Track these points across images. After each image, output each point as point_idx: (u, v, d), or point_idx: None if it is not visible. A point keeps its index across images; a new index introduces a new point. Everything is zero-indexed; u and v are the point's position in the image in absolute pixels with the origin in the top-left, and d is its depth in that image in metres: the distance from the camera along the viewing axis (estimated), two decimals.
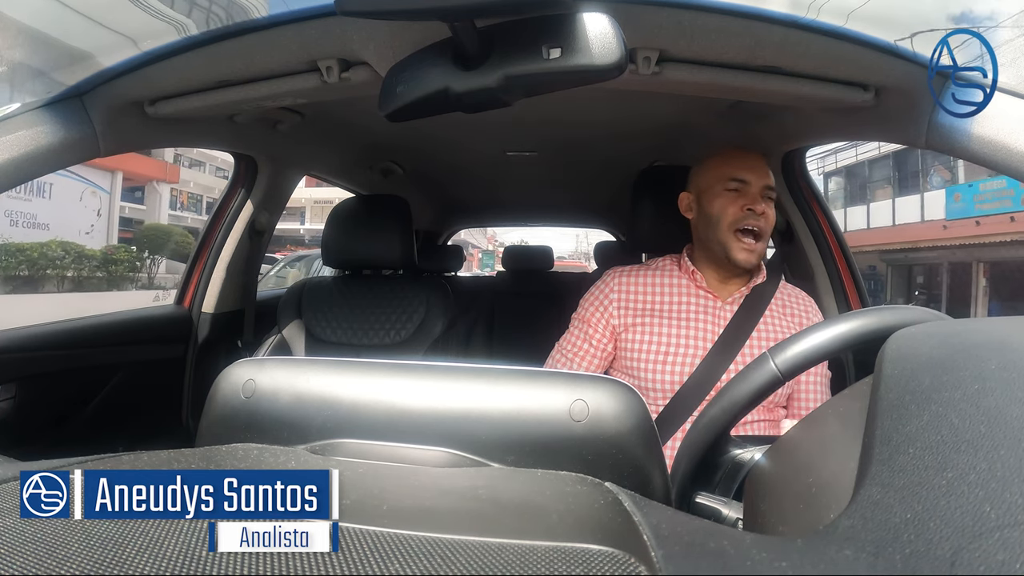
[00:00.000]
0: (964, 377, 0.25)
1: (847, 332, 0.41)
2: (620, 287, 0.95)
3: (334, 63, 0.76)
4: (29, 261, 8.94)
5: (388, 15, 0.56)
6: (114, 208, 14.44)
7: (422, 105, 0.63)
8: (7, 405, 0.99)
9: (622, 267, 0.99)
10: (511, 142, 1.63)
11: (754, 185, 0.90)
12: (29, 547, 0.22)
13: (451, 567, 0.21)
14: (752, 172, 0.91)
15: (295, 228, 22.48)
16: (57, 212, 12.29)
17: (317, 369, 0.39)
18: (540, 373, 0.36)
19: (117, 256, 10.92)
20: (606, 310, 0.94)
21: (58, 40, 0.79)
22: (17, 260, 9.06)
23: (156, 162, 16.76)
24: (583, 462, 0.33)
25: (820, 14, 0.66)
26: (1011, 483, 0.20)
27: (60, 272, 9.41)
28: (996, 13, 0.67)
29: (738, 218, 0.89)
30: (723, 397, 0.44)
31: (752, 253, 0.88)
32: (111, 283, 9.97)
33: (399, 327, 1.36)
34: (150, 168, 16.52)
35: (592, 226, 3.39)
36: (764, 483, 0.38)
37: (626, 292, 0.94)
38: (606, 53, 0.55)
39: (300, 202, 22.06)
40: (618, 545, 0.23)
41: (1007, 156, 0.62)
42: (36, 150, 0.76)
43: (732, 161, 0.93)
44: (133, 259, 11.04)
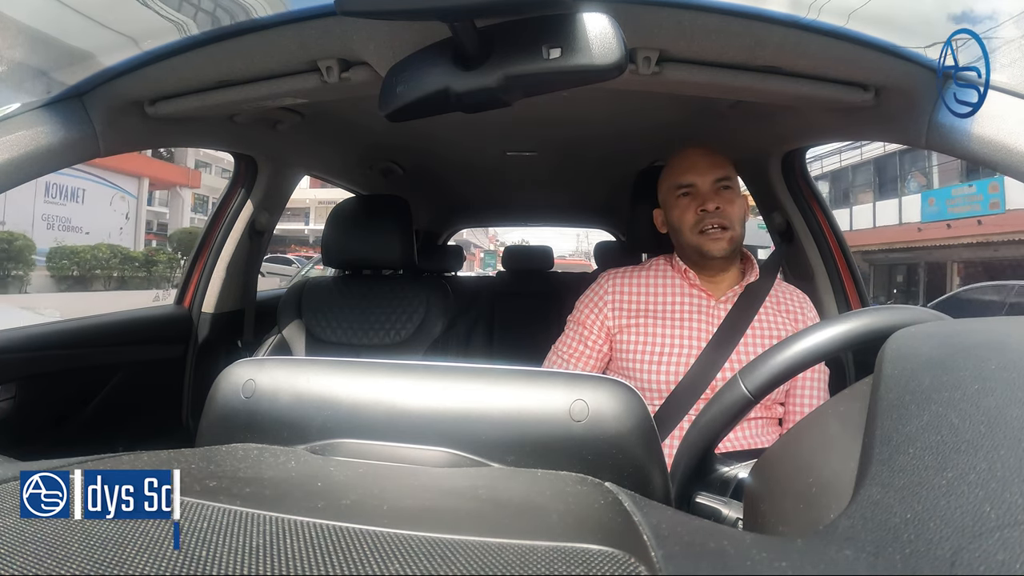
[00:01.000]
0: (964, 377, 0.25)
1: (811, 347, 0.41)
2: (614, 289, 0.96)
3: (334, 63, 0.76)
4: (81, 262, 9.80)
5: (388, 15, 0.56)
6: (141, 212, 15.39)
7: (422, 105, 0.63)
8: (7, 405, 0.99)
9: (616, 269, 1.00)
10: (511, 142, 1.63)
11: (701, 185, 0.91)
12: (29, 547, 0.22)
13: (451, 567, 0.21)
14: (695, 173, 0.92)
15: (299, 228, 22.59)
16: (90, 216, 13.32)
17: (317, 369, 0.39)
18: (540, 373, 0.36)
19: (157, 257, 11.79)
20: (601, 312, 0.95)
21: (58, 40, 0.79)
22: (71, 261, 9.91)
23: (179, 168, 17.97)
24: (583, 462, 0.33)
25: (820, 14, 0.66)
26: (1011, 483, 0.20)
27: (107, 272, 10.26)
28: (996, 13, 0.67)
29: (695, 221, 0.90)
30: (700, 421, 0.45)
31: (721, 241, 0.89)
32: (151, 282, 10.50)
33: (399, 327, 1.36)
34: (174, 174, 17.69)
35: (592, 226, 3.39)
36: (764, 483, 0.38)
37: (620, 293, 0.95)
38: (606, 53, 0.55)
39: (304, 202, 22.20)
40: (618, 545, 0.22)
41: (1007, 156, 0.62)
42: (36, 150, 0.76)
43: (674, 168, 0.94)
44: (170, 259, 11.85)
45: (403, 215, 1.38)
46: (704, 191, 0.91)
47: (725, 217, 0.89)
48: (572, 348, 0.96)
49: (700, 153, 0.94)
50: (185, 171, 18.04)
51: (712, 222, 0.89)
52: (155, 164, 16.26)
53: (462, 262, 2.89)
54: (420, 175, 1.98)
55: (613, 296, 0.95)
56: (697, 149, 0.95)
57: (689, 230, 0.91)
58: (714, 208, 0.89)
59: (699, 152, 0.94)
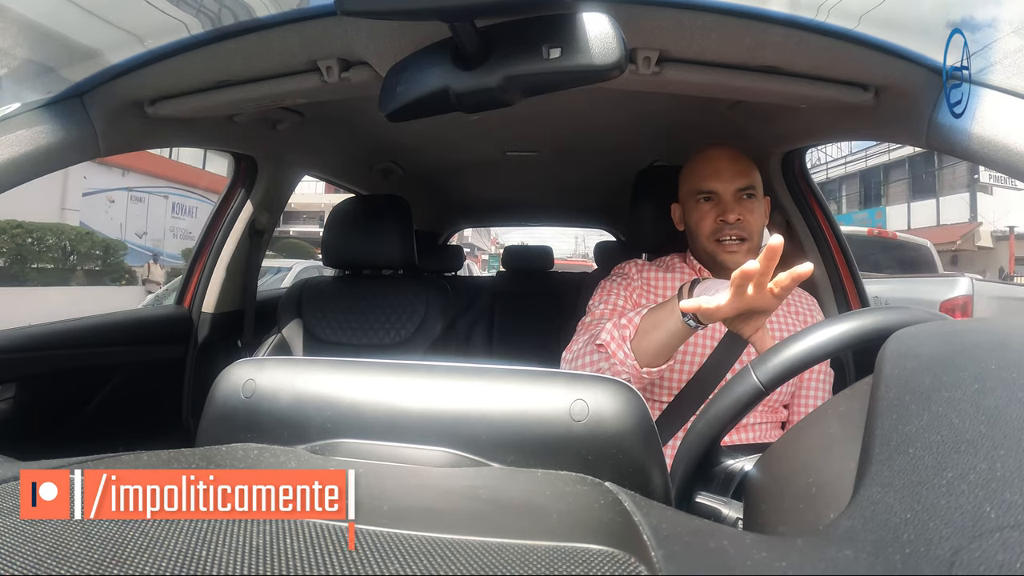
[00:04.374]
0: (964, 377, 0.25)
1: (823, 342, 0.42)
2: (638, 273, 0.95)
3: (334, 63, 0.76)
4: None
5: (388, 15, 0.56)
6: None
7: (422, 105, 0.63)
8: (7, 405, 0.99)
9: (636, 260, 0.99)
10: (511, 142, 1.63)
11: (724, 193, 0.88)
12: (29, 547, 0.22)
13: (451, 567, 0.21)
14: (719, 180, 0.89)
15: (315, 231, 23.14)
16: (198, 227, 15.31)
17: (317, 369, 0.39)
18: (540, 373, 0.36)
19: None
20: (628, 287, 0.93)
21: (63, 35, 0.79)
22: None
23: None
24: (583, 462, 0.33)
25: (820, 14, 0.66)
26: (1011, 483, 0.20)
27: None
28: (996, 18, 0.67)
29: (714, 230, 0.88)
30: (708, 411, 0.45)
31: (738, 254, 0.88)
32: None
33: (399, 327, 1.36)
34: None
35: (592, 226, 3.39)
36: (764, 483, 0.38)
37: (643, 280, 0.94)
38: (606, 53, 0.55)
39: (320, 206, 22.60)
40: (618, 545, 0.22)
41: (1007, 156, 0.62)
42: (36, 150, 0.76)
43: (697, 171, 0.92)
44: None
45: (403, 215, 1.38)
46: (726, 200, 0.88)
47: (745, 228, 0.87)
48: (607, 310, 0.89)
49: (725, 158, 0.91)
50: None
51: (731, 233, 0.87)
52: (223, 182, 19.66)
53: (462, 262, 2.89)
54: (420, 175, 1.98)
55: (638, 281, 0.94)
56: (722, 151, 0.92)
57: (707, 237, 0.89)
58: (735, 219, 0.86)
59: (724, 156, 0.91)
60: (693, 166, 0.94)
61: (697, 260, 0.94)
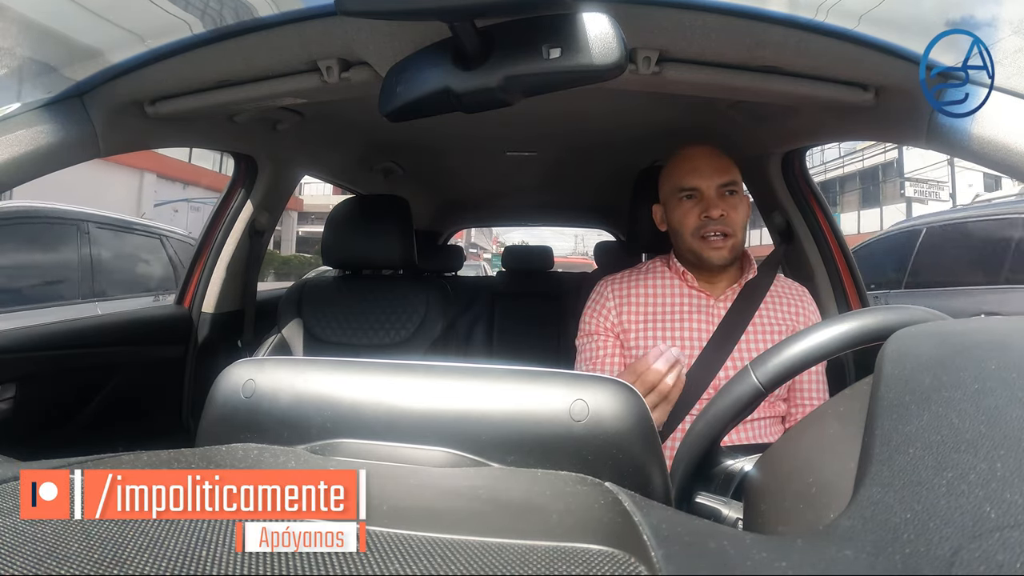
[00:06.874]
0: (964, 377, 0.25)
1: (823, 342, 0.41)
2: (613, 293, 0.95)
3: (334, 63, 0.76)
4: (278, 265, 15.07)
5: (388, 15, 0.56)
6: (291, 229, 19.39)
7: (422, 105, 0.63)
8: (7, 405, 0.99)
9: (612, 275, 0.99)
10: (511, 142, 1.63)
11: (707, 189, 0.89)
12: (29, 547, 0.22)
13: (451, 567, 0.21)
14: (701, 177, 0.89)
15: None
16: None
17: (317, 369, 0.39)
18: (540, 373, 0.36)
19: (293, 261, 17.52)
20: (606, 318, 0.94)
21: (63, 35, 0.79)
22: (278, 263, 15.13)
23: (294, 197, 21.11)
24: (583, 462, 0.33)
25: (820, 14, 0.66)
26: (1011, 483, 0.20)
27: (291, 269, 15.97)
28: (996, 18, 0.67)
29: (698, 226, 0.89)
30: (708, 412, 0.45)
31: (722, 249, 0.88)
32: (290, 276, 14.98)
33: (399, 327, 1.36)
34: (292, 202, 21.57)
35: (592, 226, 3.38)
36: (764, 483, 0.38)
37: (620, 297, 0.95)
38: (606, 53, 0.55)
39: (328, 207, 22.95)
40: (618, 545, 0.22)
41: (1007, 156, 0.62)
42: (36, 150, 0.76)
43: (678, 168, 0.92)
44: (303, 263, 16.33)
45: (403, 215, 1.37)
46: (709, 196, 0.89)
47: (728, 224, 0.88)
48: (595, 355, 0.94)
49: (705, 155, 0.92)
50: (295, 199, 20.62)
51: (715, 229, 0.87)
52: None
53: (462, 262, 2.89)
54: (420, 175, 1.98)
55: (614, 301, 0.95)
56: (702, 149, 0.93)
57: (690, 235, 0.89)
58: (718, 215, 0.87)
59: (704, 154, 0.92)
60: (674, 165, 0.94)
61: (680, 261, 0.94)
